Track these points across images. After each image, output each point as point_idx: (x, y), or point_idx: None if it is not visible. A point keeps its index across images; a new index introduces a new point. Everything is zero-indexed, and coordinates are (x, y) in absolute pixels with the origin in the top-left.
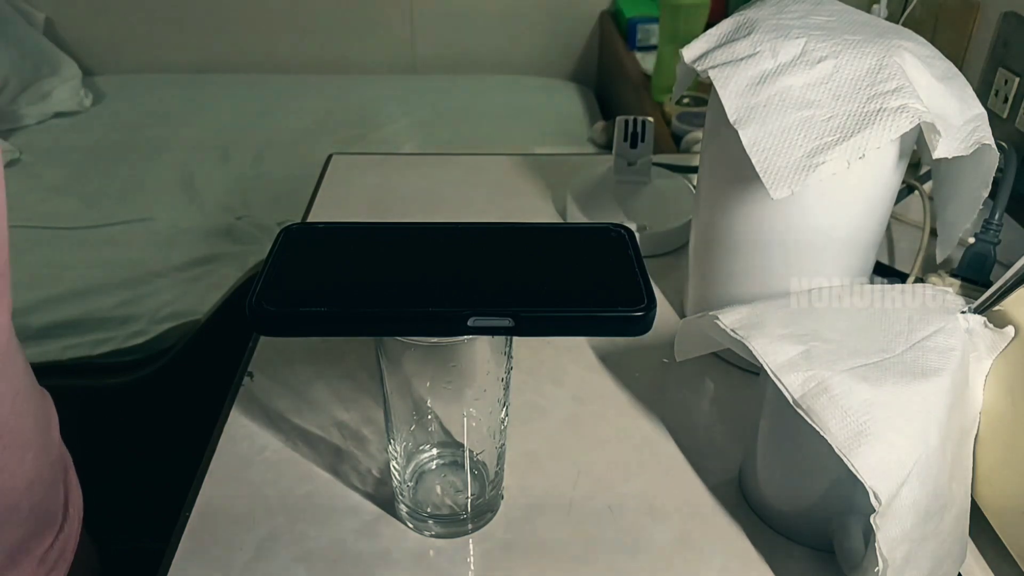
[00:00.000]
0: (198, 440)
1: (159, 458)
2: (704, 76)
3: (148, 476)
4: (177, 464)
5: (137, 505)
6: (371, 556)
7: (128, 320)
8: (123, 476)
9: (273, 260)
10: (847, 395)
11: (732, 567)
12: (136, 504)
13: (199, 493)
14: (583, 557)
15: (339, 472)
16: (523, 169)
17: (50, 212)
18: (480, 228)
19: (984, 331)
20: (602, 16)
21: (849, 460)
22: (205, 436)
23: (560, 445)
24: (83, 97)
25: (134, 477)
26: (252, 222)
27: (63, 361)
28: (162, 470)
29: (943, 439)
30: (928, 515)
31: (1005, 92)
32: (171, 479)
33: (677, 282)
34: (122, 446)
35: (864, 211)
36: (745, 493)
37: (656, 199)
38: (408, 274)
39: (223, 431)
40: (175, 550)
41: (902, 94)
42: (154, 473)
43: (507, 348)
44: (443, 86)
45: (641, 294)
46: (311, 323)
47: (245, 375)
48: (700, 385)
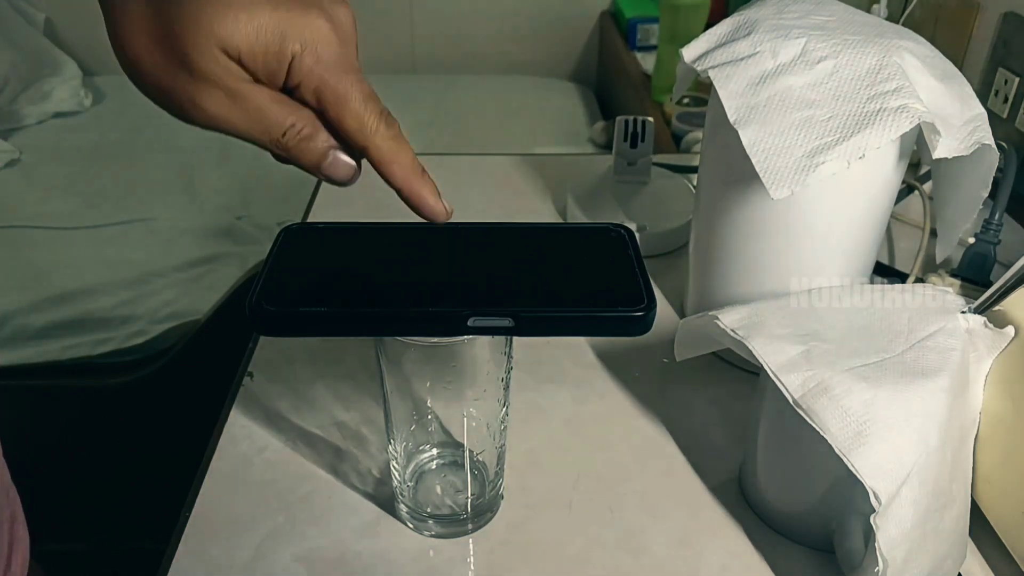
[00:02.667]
0: (198, 440)
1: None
2: (704, 76)
3: (148, 476)
4: (177, 464)
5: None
6: (371, 556)
7: (128, 320)
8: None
9: (273, 260)
10: (847, 395)
11: (732, 567)
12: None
13: (199, 493)
14: (583, 557)
15: (339, 472)
16: (523, 169)
17: (50, 212)
18: (480, 228)
19: (984, 331)
20: (602, 16)
21: (849, 460)
22: (205, 436)
23: (560, 445)
24: (83, 97)
25: (134, 477)
26: (252, 222)
27: (63, 361)
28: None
29: (943, 439)
30: (928, 515)
31: (1005, 92)
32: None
33: (677, 282)
34: (122, 446)
35: (864, 211)
36: (745, 493)
37: (656, 199)
38: (408, 274)
39: (223, 431)
40: (175, 550)
41: (902, 94)
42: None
43: (507, 348)
44: (443, 86)
45: (641, 294)
46: (311, 323)
47: (245, 375)
48: (700, 385)
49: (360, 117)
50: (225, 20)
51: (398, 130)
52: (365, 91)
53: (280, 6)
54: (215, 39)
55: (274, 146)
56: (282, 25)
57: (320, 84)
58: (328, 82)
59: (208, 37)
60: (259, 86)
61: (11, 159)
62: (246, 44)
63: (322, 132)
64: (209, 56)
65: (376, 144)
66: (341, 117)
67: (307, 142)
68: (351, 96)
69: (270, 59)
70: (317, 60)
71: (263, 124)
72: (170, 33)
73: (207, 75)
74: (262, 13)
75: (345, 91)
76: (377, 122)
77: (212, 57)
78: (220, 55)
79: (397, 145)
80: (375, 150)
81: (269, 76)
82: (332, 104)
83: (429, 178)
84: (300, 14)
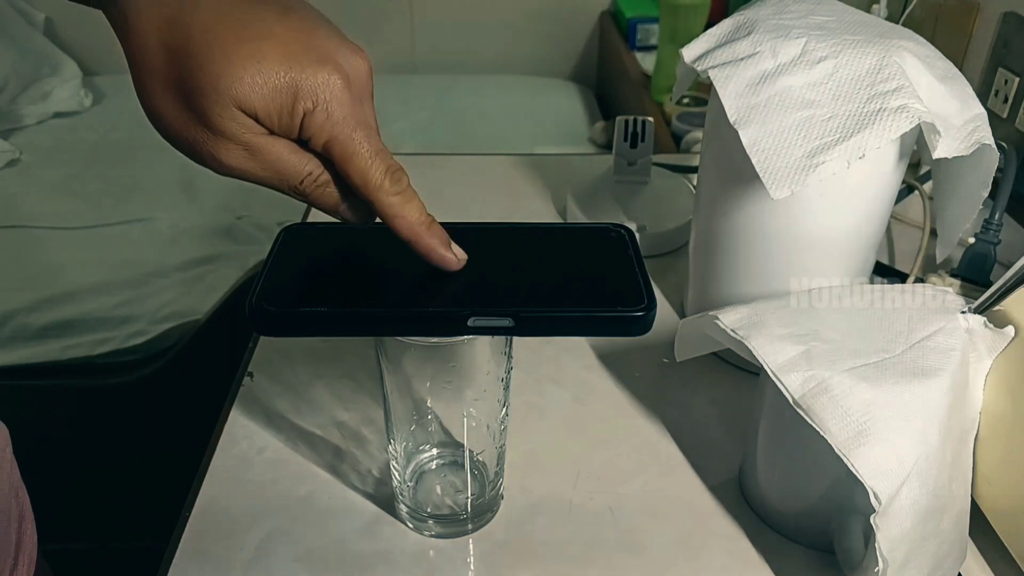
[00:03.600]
0: (198, 440)
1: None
2: (704, 76)
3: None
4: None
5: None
6: (371, 556)
7: (128, 320)
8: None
9: (273, 260)
10: (847, 395)
11: (732, 567)
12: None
13: (199, 493)
14: (583, 557)
15: (339, 472)
16: (523, 169)
17: (50, 212)
18: (480, 228)
19: (984, 331)
20: (602, 16)
21: (849, 460)
22: (205, 436)
23: (560, 445)
24: (83, 97)
25: (135, 476)
26: (252, 222)
27: (63, 361)
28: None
29: (943, 439)
30: (928, 515)
31: (1005, 92)
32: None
33: (677, 282)
34: (123, 446)
35: (864, 211)
36: (745, 493)
37: (656, 199)
38: (408, 274)
39: (223, 431)
40: (175, 549)
41: (902, 94)
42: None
43: (507, 348)
44: (443, 86)
45: (641, 294)
46: (311, 323)
47: (245, 375)
48: (700, 385)
49: (365, 174)
50: (242, 83)
51: (406, 184)
52: (374, 147)
53: (294, 64)
54: (232, 99)
55: (292, 192)
56: (295, 84)
57: (329, 140)
58: (337, 139)
59: (225, 98)
60: (275, 138)
61: (11, 159)
62: (261, 104)
63: (338, 181)
64: (227, 115)
65: (380, 200)
66: (347, 173)
67: (324, 187)
68: (358, 153)
69: (284, 116)
70: (328, 117)
71: (281, 174)
72: (189, 92)
73: (225, 132)
74: (276, 73)
75: (352, 148)
76: (382, 178)
77: (229, 115)
78: (238, 113)
79: (403, 200)
80: (379, 205)
81: (284, 130)
82: (339, 160)
83: (438, 229)
84: (313, 72)
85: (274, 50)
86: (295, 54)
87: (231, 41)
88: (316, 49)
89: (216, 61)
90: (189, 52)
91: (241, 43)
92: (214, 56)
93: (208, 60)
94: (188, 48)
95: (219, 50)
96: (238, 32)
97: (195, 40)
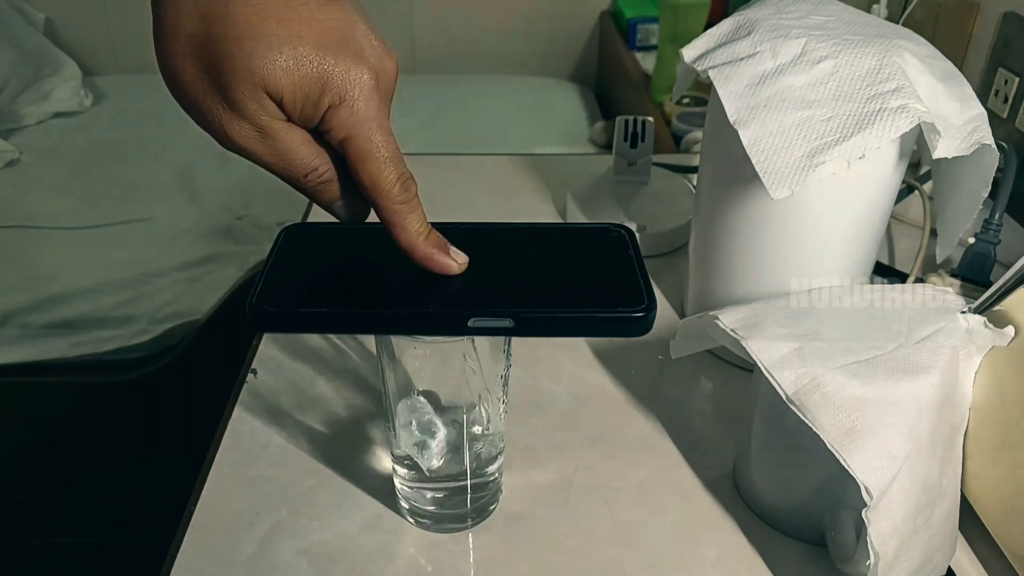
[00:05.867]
0: (203, 436)
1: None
2: (704, 76)
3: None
4: (182, 459)
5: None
6: (373, 550)
7: (128, 320)
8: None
9: (273, 260)
10: (839, 392)
11: (726, 560)
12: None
13: (204, 488)
14: (580, 550)
15: (341, 468)
16: (523, 169)
17: (50, 212)
18: (480, 228)
19: (984, 331)
20: (602, 16)
21: (841, 456)
22: (210, 432)
23: (558, 441)
24: (83, 97)
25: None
26: (252, 222)
27: (71, 358)
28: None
29: (933, 435)
30: (918, 509)
31: (1005, 92)
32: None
33: (677, 282)
34: (129, 442)
35: (864, 211)
36: (739, 488)
37: (656, 199)
38: (408, 274)
39: (227, 427)
40: (180, 544)
41: (902, 94)
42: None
43: (507, 347)
44: (443, 86)
45: (641, 294)
46: (311, 323)
47: (248, 372)
48: (695, 382)
49: (376, 177)
50: (275, 64)
51: (414, 193)
52: (390, 151)
53: (329, 55)
54: (260, 80)
55: (292, 182)
56: (326, 75)
57: (348, 136)
58: (356, 138)
59: (253, 77)
60: (290, 126)
61: (11, 159)
62: (288, 89)
63: (341, 178)
64: (250, 95)
65: (385, 206)
66: (358, 172)
67: (326, 184)
68: (374, 156)
69: (308, 106)
70: (352, 114)
71: (288, 164)
72: (217, 62)
73: (243, 111)
74: (310, 61)
75: (369, 150)
76: (392, 185)
77: (252, 96)
78: (261, 95)
79: (407, 210)
80: (384, 211)
81: (304, 119)
82: (353, 158)
83: (436, 238)
84: (346, 67)
85: (313, 37)
86: (332, 45)
87: (272, 20)
88: (353, 44)
89: (253, 37)
90: (227, 22)
91: (282, 24)
92: (252, 31)
93: (245, 34)
94: (226, 18)
95: (259, 27)
96: (280, 13)
97: (235, 11)
